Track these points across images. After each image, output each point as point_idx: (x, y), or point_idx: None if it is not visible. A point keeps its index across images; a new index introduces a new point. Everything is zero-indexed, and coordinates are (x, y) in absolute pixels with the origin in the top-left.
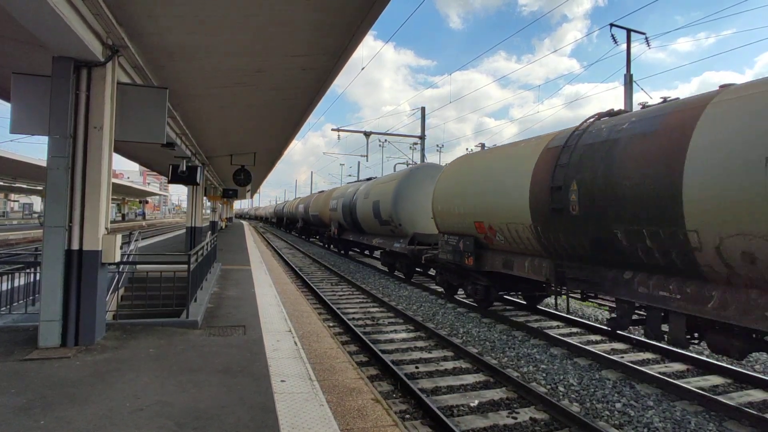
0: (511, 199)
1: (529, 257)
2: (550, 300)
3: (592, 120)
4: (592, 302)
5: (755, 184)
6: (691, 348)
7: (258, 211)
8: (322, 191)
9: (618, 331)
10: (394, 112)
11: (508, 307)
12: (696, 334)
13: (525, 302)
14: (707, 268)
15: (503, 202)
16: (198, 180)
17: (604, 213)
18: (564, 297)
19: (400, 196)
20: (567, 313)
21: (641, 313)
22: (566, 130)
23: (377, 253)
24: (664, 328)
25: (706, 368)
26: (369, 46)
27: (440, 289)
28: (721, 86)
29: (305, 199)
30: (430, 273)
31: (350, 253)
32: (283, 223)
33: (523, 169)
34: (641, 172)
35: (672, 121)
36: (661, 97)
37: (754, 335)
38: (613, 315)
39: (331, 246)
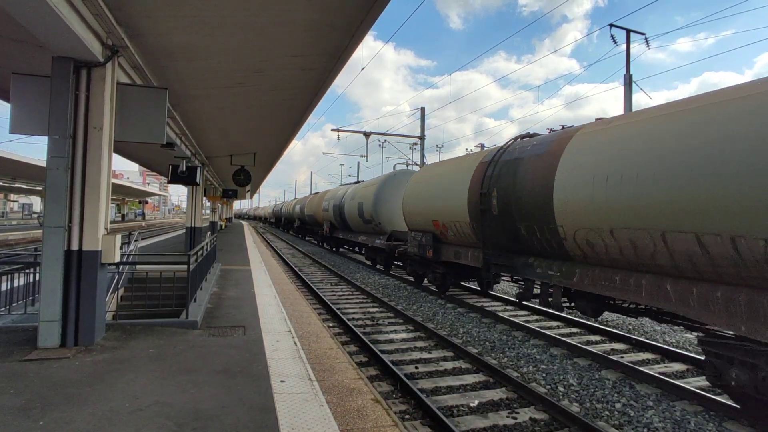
0: (456, 202)
1: (471, 248)
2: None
3: (512, 141)
4: None
5: (587, 195)
6: (689, 348)
7: (257, 212)
8: (317, 193)
9: (523, 302)
10: (394, 112)
11: (464, 292)
12: (568, 301)
13: (479, 288)
14: (571, 252)
15: (451, 205)
16: (198, 180)
17: (512, 213)
18: (511, 282)
19: (380, 198)
20: (490, 291)
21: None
22: (495, 148)
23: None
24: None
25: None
26: (369, 47)
27: (411, 278)
28: (597, 119)
29: (301, 200)
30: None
31: (341, 250)
32: (281, 223)
33: (464, 178)
34: (532, 183)
35: (552, 147)
36: (561, 125)
37: (608, 302)
38: (520, 290)
39: (324, 244)
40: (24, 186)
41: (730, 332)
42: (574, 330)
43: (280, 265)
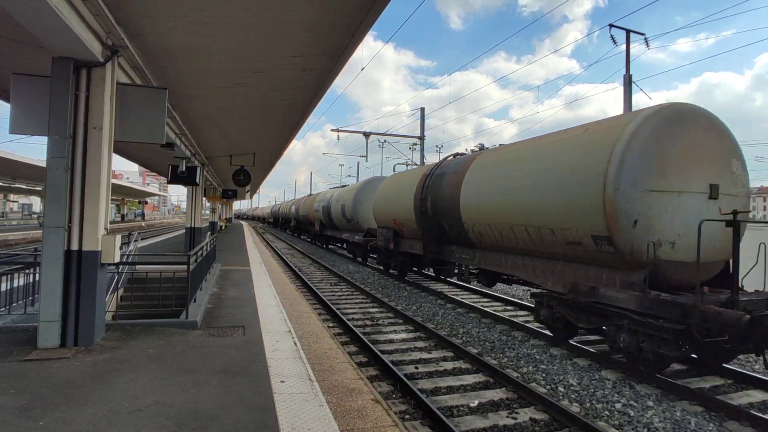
0: (407, 205)
1: (417, 241)
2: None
3: (443, 159)
4: None
5: (477, 201)
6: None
7: (255, 212)
8: (311, 195)
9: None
10: (394, 112)
11: (420, 277)
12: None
13: (434, 274)
14: (473, 241)
15: (404, 207)
16: (197, 180)
17: (439, 214)
18: (458, 270)
19: (358, 200)
20: (431, 273)
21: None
22: (433, 164)
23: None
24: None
25: (705, 369)
26: (369, 47)
27: (381, 267)
28: (500, 145)
29: (296, 201)
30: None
31: (330, 246)
32: (279, 223)
33: (412, 186)
34: (449, 192)
35: (462, 166)
36: (477, 145)
37: (504, 277)
38: (445, 270)
39: (316, 241)
40: (24, 186)
41: (545, 288)
42: None
43: (280, 265)
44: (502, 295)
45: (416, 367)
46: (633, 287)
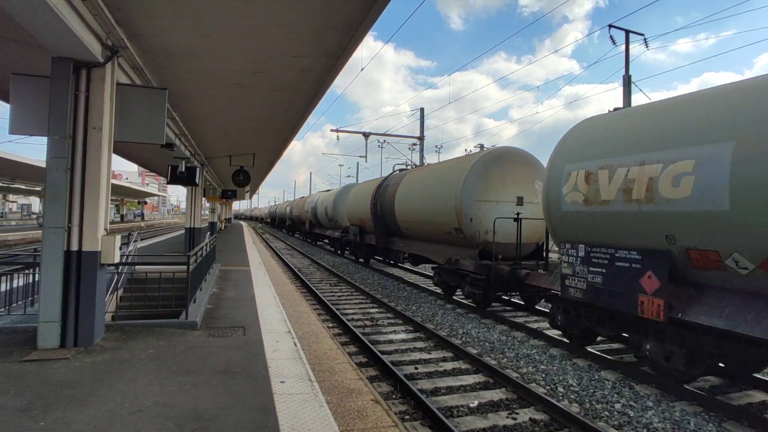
0: (367, 207)
1: (373, 235)
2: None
3: (391, 173)
4: None
5: (405, 205)
6: None
7: (254, 212)
8: (302, 197)
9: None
10: (394, 112)
11: (385, 266)
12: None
13: (392, 262)
14: (404, 233)
15: (364, 209)
16: (197, 181)
17: (385, 214)
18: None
19: (336, 203)
20: (399, 264)
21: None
22: (384, 176)
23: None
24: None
25: (704, 369)
26: (369, 47)
27: (352, 257)
28: (428, 164)
29: (291, 203)
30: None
31: (318, 243)
32: (276, 222)
33: (370, 192)
34: (389, 198)
35: (398, 180)
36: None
37: (421, 259)
38: (390, 255)
39: (307, 238)
40: (23, 187)
41: (442, 263)
42: None
43: (279, 265)
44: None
45: (416, 368)
46: (472, 258)
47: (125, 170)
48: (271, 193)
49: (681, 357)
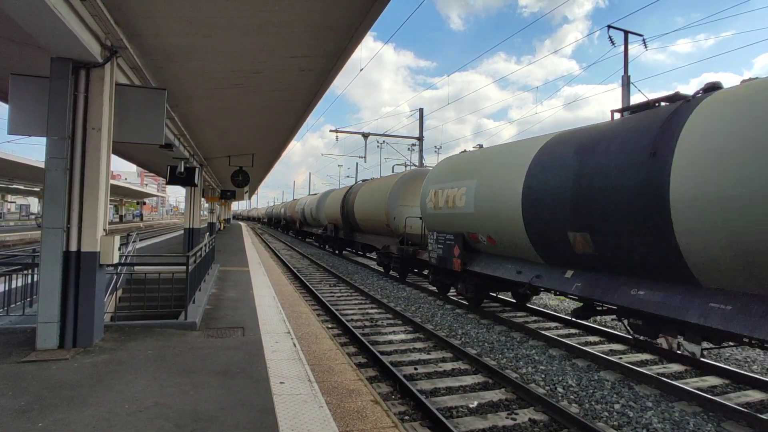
0: (337, 210)
1: (343, 231)
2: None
3: (355, 183)
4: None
5: (362, 208)
6: (682, 351)
7: (251, 213)
8: (295, 199)
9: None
10: (394, 113)
11: (356, 256)
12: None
13: (362, 252)
14: (361, 229)
15: (335, 211)
16: (196, 181)
17: (348, 215)
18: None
19: (319, 206)
20: (359, 253)
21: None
22: (350, 185)
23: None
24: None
25: (704, 369)
26: (369, 48)
27: (331, 250)
28: (374, 178)
29: (285, 204)
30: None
31: (307, 240)
32: (272, 222)
33: (340, 198)
34: (350, 203)
35: (357, 188)
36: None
37: (371, 249)
38: (354, 247)
39: (298, 236)
40: (22, 187)
41: (380, 249)
42: (573, 331)
43: (279, 266)
44: (502, 297)
45: (415, 368)
46: (395, 244)
47: (124, 171)
48: (271, 193)
49: (472, 290)
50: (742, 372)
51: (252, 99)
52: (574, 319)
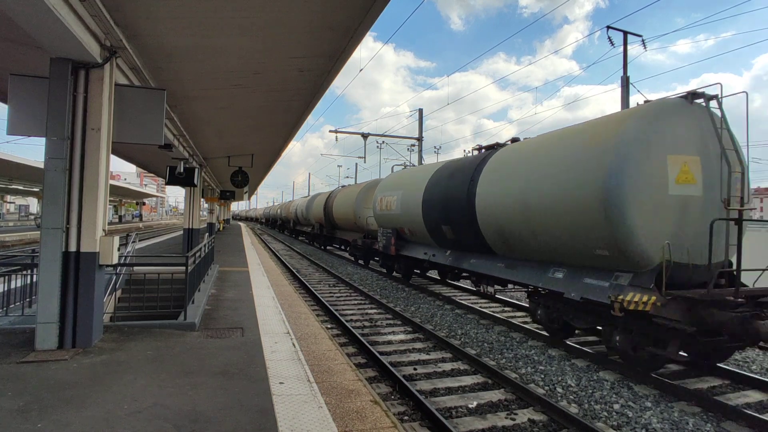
0: (320, 211)
1: (326, 228)
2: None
3: (336, 189)
4: None
5: (342, 211)
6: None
7: (248, 213)
8: (290, 201)
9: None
10: (393, 113)
11: (338, 251)
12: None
13: (343, 247)
14: (339, 227)
15: (319, 212)
16: (195, 182)
17: (331, 216)
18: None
19: (308, 206)
20: (338, 248)
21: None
22: (331, 191)
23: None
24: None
25: (703, 369)
26: (369, 48)
27: (317, 246)
28: (349, 185)
29: (281, 205)
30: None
31: (299, 238)
32: (269, 222)
33: (323, 201)
34: (329, 206)
35: (334, 194)
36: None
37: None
38: (334, 242)
39: (292, 234)
40: (21, 187)
41: (350, 242)
42: None
43: (278, 267)
44: (502, 297)
45: (415, 368)
46: (361, 238)
47: (123, 171)
48: (270, 194)
49: (403, 269)
50: (741, 372)
51: (251, 99)
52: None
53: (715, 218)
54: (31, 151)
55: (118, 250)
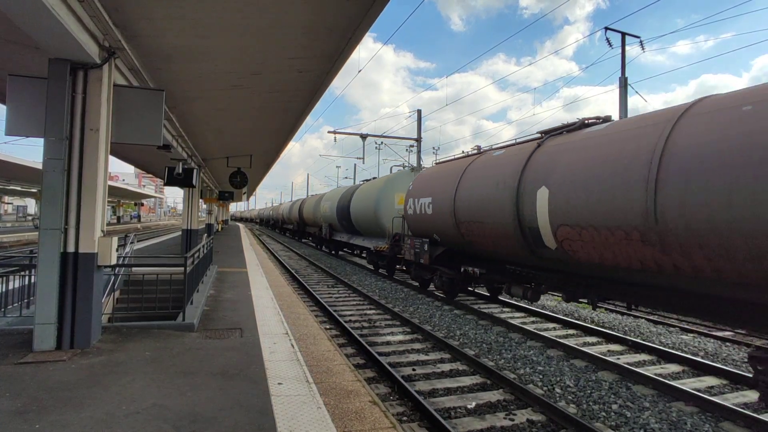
0: (296, 213)
1: (308, 227)
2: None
3: (309, 196)
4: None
5: (317, 212)
6: (684, 348)
7: (243, 214)
8: (280, 204)
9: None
10: (393, 114)
11: (305, 239)
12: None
13: (307, 235)
14: (319, 224)
15: (295, 213)
16: (194, 182)
17: (302, 216)
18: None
19: (292, 209)
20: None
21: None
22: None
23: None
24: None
25: (701, 369)
26: (369, 49)
27: (294, 238)
28: (312, 194)
29: (273, 207)
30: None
31: (286, 234)
32: (263, 222)
33: (297, 205)
34: (308, 209)
35: (301, 202)
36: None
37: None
38: (312, 237)
39: (285, 233)
40: (19, 188)
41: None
42: (571, 332)
43: (277, 267)
44: (501, 298)
45: (414, 369)
46: (320, 232)
47: (122, 172)
48: (269, 194)
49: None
50: (739, 372)
51: (250, 100)
52: (572, 321)
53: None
54: (30, 152)
55: (117, 250)
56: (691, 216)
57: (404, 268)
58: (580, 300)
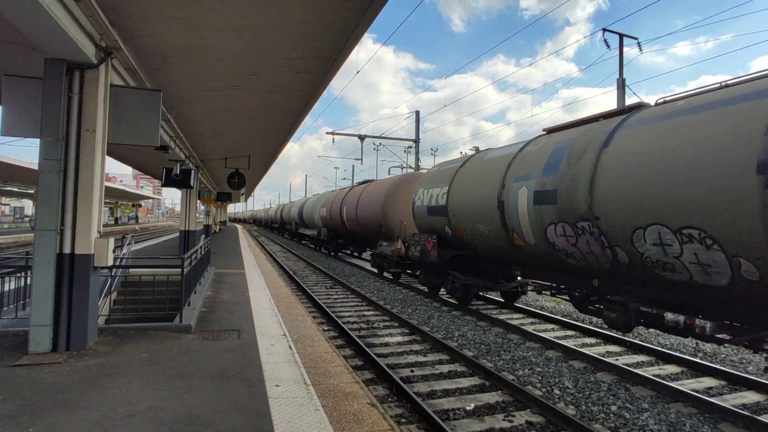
0: (278, 215)
1: (301, 228)
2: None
3: (291, 201)
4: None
5: (307, 213)
6: (683, 349)
7: (237, 215)
8: (271, 206)
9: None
10: (392, 114)
11: (285, 234)
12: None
13: (297, 234)
14: (308, 224)
15: (288, 216)
16: (192, 183)
17: (282, 217)
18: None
19: (283, 211)
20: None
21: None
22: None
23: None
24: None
25: (700, 370)
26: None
27: (280, 234)
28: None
29: (268, 209)
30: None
31: (274, 231)
32: (256, 222)
33: (280, 209)
34: (299, 211)
35: (283, 207)
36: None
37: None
38: (303, 238)
39: (272, 231)
40: (15, 189)
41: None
42: (569, 333)
43: (275, 268)
44: (498, 299)
45: (412, 371)
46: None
47: (119, 173)
48: (267, 195)
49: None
50: (737, 373)
51: (248, 101)
52: (571, 321)
53: None
54: (26, 153)
55: (114, 252)
56: None
57: (409, 272)
58: None
